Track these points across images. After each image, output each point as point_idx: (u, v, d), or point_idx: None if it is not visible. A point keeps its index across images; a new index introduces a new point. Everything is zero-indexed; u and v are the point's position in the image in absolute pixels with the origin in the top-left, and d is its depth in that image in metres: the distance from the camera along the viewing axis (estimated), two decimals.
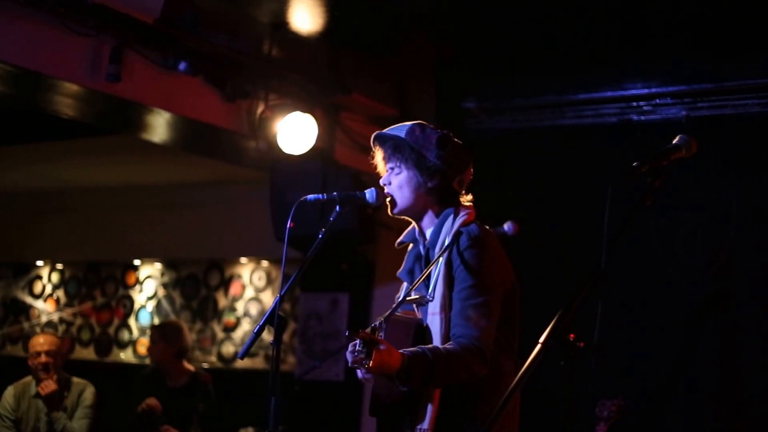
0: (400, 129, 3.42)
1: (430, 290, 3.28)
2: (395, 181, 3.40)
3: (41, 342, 6.40)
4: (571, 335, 2.46)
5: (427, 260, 3.38)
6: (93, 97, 5.80)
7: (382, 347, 2.97)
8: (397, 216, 3.47)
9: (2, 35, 5.18)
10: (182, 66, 5.77)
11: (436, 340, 3.21)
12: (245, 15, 5.99)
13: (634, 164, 2.68)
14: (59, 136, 7.83)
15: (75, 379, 6.52)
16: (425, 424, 3.17)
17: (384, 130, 3.46)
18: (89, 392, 6.47)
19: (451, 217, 3.34)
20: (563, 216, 6.31)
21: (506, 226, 5.37)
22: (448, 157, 3.36)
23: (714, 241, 6.02)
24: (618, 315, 5.85)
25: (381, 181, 3.44)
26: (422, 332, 3.26)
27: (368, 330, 2.96)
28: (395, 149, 3.39)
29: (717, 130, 5.96)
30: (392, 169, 3.41)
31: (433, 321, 3.24)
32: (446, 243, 3.27)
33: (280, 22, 5.98)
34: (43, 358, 6.30)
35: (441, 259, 3.25)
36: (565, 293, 2.51)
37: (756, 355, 5.84)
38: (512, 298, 3.34)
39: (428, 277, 3.31)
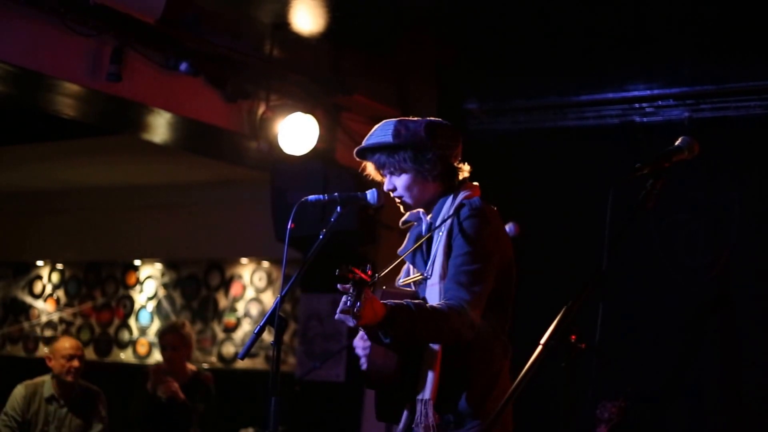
0: (382, 134, 3.39)
1: (428, 266, 3.30)
2: (399, 183, 3.40)
3: (74, 345, 6.40)
4: (573, 336, 2.45)
5: (429, 238, 3.39)
6: (94, 97, 5.80)
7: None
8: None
9: (3, 35, 5.18)
10: (183, 66, 5.77)
11: None
12: (246, 15, 5.99)
13: (636, 165, 2.67)
14: (60, 136, 7.83)
15: (94, 387, 6.56)
16: (427, 394, 3.19)
17: (365, 143, 3.43)
18: (103, 402, 6.51)
19: (453, 194, 3.36)
20: (565, 217, 6.31)
21: (508, 228, 5.35)
22: (441, 141, 3.35)
23: (715, 243, 6.01)
24: (619, 316, 5.84)
25: (385, 188, 3.43)
26: None
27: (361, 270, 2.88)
28: (390, 156, 3.37)
29: (719, 131, 5.96)
30: (391, 173, 3.41)
31: (432, 292, 3.25)
32: (448, 215, 3.29)
33: (281, 22, 5.98)
34: (76, 362, 6.33)
35: (442, 229, 3.27)
36: (566, 294, 2.50)
37: (757, 356, 5.83)
38: (508, 277, 3.34)
39: (428, 252, 3.33)
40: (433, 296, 3.24)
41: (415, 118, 3.42)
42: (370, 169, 3.48)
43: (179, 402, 6.33)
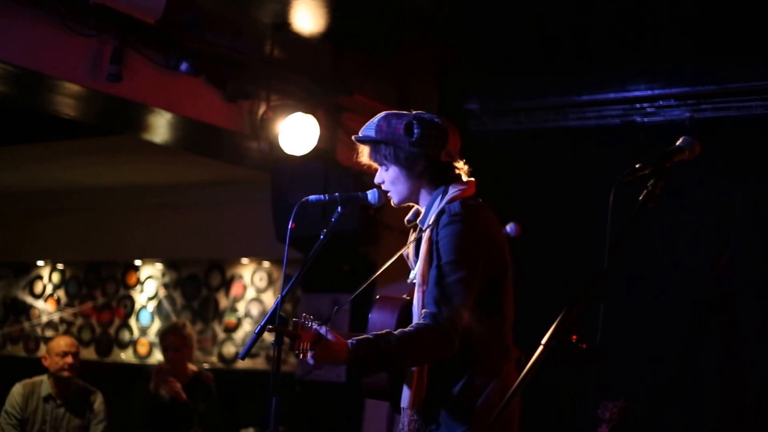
0: (369, 128, 3.42)
1: (415, 270, 3.30)
2: (386, 177, 3.42)
3: (68, 343, 6.44)
4: (574, 337, 2.45)
5: (419, 239, 3.39)
6: (94, 97, 5.79)
7: (330, 337, 3.05)
8: (400, 206, 3.50)
9: (4, 35, 5.17)
10: (184, 66, 5.77)
11: (416, 317, 3.22)
12: (247, 15, 5.99)
13: (637, 166, 2.67)
14: (60, 136, 7.83)
15: (90, 387, 6.56)
16: (405, 402, 3.23)
17: (359, 134, 3.47)
18: (100, 402, 6.52)
19: (441, 195, 3.34)
20: (566, 217, 6.30)
21: (509, 228, 5.36)
22: (420, 140, 3.33)
23: (717, 243, 6.00)
24: (620, 317, 5.83)
25: (375, 180, 3.47)
26: (408, 311, 3.28)
27: (290, 326, 3.03)
28: (373, 150, 3.41)
29: (720, 131, 5.95)
30: (380, 165, 3.43)
31: (415, 298, 3.26)
32: (430, 222, 3.28)
33: (281, 22, 5.97)
34: (70, 359, 6.35)
35: (424, 237, 3.26)
36: (567, 294, 2.49)
37: (759, 357, 5.83)
38: (501, 275, 3.31)
39: (418, 257, 3.33)
40: (415, 302, 3.26)
41: (406, 113, 3.41)
42: (364, 156, 3.49)
43: (181, 402, 6.34)
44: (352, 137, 3.49)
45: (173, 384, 6.34)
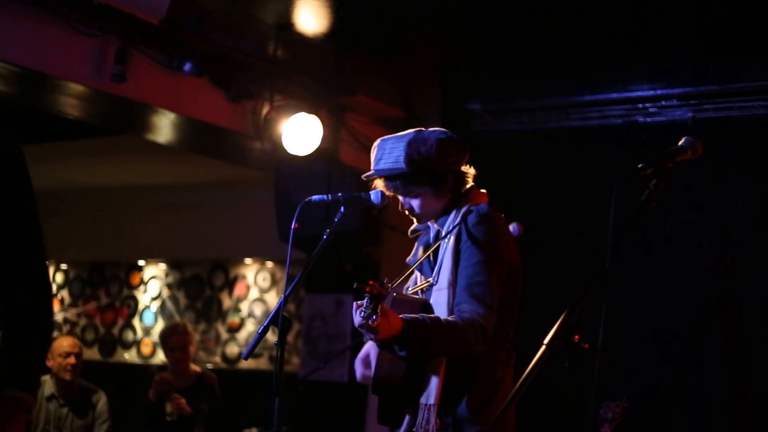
0: (394, 161, 3.35)
1: (434, 272, 3.29)
2: (416, 204, 3.40)
3: (71, 344, 6.45)
4: (576, 336, 2.46)
5: (436, 245, 3.39)
6: (98, 97, 5.80)
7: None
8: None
9: (7, 35, 5.18)
10: (187, 67, 5.77)
11: (442, 315, 3.20)
12: (250, 16, 5.99)
13: (640, 166, 2.67)
14: (64, 137, 7.84)
15: (93, 386, 6.56)
16: (431, 399, 3.19)
17: (379, 166, 3.39)
18: (104, 402, 6.52)
19: (461, 201, 3.36)
20: (568, 217, 6.31)
21: (511, 228, 5.34)
22: (452, 157, 3.36)
23: (719, 243, 6.01)
24: (622, 316, 5.84)
25: (402, 208, 3.43)
26: (427, 311, 3.27)
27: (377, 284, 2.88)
28: (406, 183, 3.35)
29: (722, 131, 5.96)
30: (405, 195, 3.39)
31: (439, 297, 3.25)
32: (456, 222, 3.29)
33: (285, 22, 5.98)
34: (73, 359, 6.35)
35: (450, 236, 3.26)
36: (569, 294, 2.50)
37: (761, 357, 5.83)
38: (515, 283, 3.34)
39: (435, 260, 3.32)
40: (439, 301, 3.24)
41: (423, 136, 3.36)
42: (380, 186, 3.44)
43: (186, 416, 6.33)
44: (374, 167, 3.39)
45: (178, 400, 6.33)
